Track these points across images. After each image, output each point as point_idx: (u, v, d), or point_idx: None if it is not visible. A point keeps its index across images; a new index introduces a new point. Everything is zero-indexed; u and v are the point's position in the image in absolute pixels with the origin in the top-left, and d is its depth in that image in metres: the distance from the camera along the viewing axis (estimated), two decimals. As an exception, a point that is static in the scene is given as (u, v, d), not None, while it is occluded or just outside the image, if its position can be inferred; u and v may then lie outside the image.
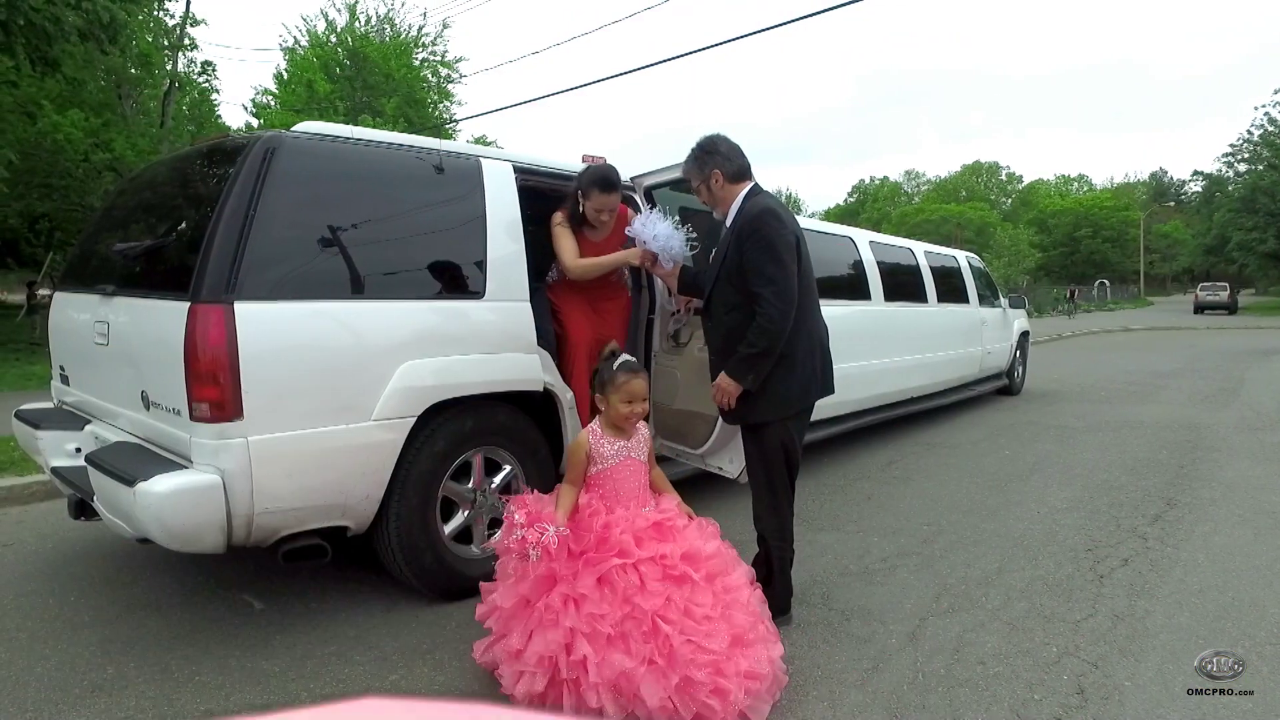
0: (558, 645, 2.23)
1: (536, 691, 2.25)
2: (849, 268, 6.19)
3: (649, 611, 2.23)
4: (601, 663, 2.18)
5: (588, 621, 2.22)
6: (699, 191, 3.09)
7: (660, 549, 2.36)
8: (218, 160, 3.03)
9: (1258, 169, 39.88)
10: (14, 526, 4.28)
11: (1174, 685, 2.51)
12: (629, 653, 2.19)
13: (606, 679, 2.17)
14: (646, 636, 2.21)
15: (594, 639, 2.21)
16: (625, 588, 2.26)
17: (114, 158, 15.61)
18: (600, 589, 2.27)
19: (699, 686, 2.18)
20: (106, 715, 2.37)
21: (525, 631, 2.31)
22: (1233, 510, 4.42)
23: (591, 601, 2.25)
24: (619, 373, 2.54)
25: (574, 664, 2.21)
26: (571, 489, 2.54)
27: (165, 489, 2.42)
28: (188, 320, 2.51)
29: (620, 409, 2.53)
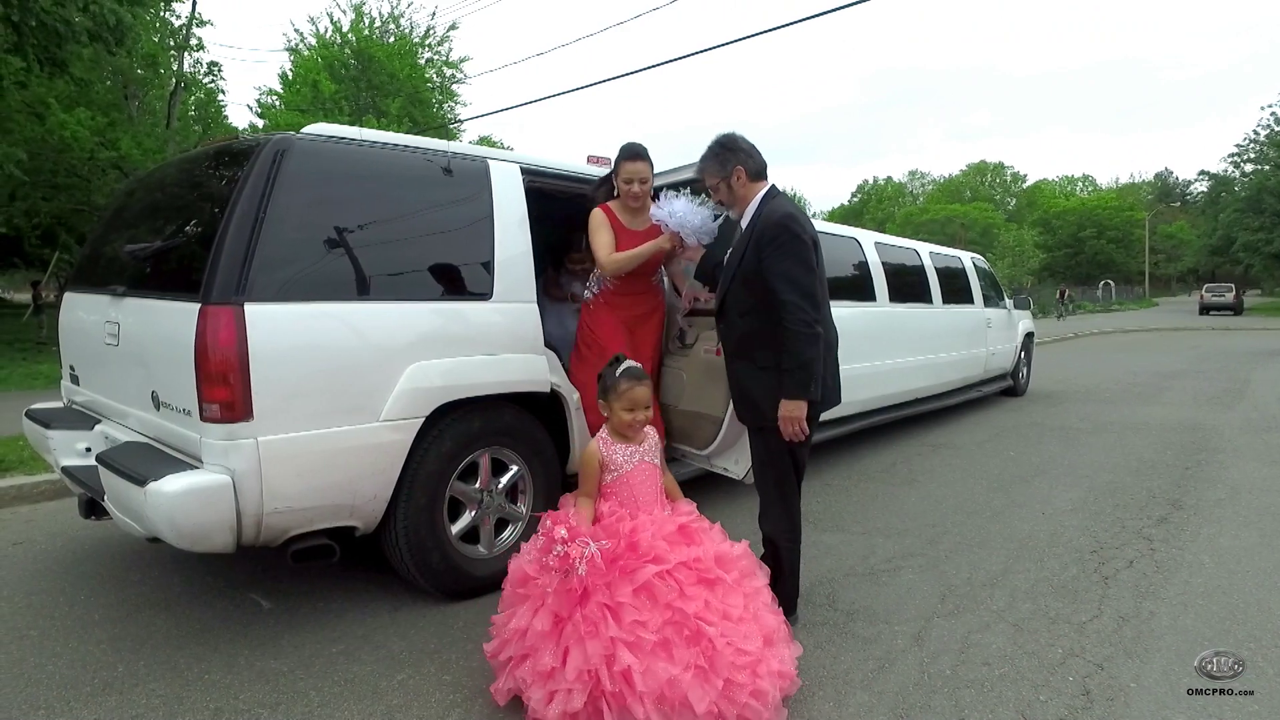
0: (599, 657, 2.16)
1: (574, 710, 2.16)
2: (854, 269, 6.20)
3: (691, 616, 2.22)
4: (646, 671, 2.14)
5: (630, 630, 2.18)
6: (717, 190, 3.02)
7: (692, 552, 2.36)
8: (227, 162, 3.05)
9: (1264, 169, 39.76)
10: (24, 525, 4.31)
11: (1179, 687, 2.51)
12: (673, 660, 2.17)
13: (652, 689, 2.12)
14: (689, 641, 2.19)
15: (637, 648, 2.16)
16: (665, 594, 2.24)
17: (119, 156, 15.68)
18: (638, 597, 2.24)
19: (740, 689, 2.18)
20: (118, 712, 2.40)
21: (559, 648, 2.23)
22: (1238, 512, 4.41)
23: (631, 610, 2.21)
24: (621, 379, 2.55)
25: (618, 675, 2.14)
26: (588, 500, 2.55)
27: (176, 489, 2.44)
28: (198, 321, 2.53)
29: (622, 416, 2.55)
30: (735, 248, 2.98)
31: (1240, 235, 39.49)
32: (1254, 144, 41.24)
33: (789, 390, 2.72)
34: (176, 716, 2.38)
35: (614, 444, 2.58)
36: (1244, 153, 42.40)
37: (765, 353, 2.79)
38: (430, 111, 24.30)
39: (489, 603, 3.14)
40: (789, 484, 2.92)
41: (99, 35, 11.53)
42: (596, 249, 3.56)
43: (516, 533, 3.40)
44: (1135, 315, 35.41)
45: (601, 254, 3.54)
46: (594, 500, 2.55)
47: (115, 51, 12.96)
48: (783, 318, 2.70)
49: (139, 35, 14.43)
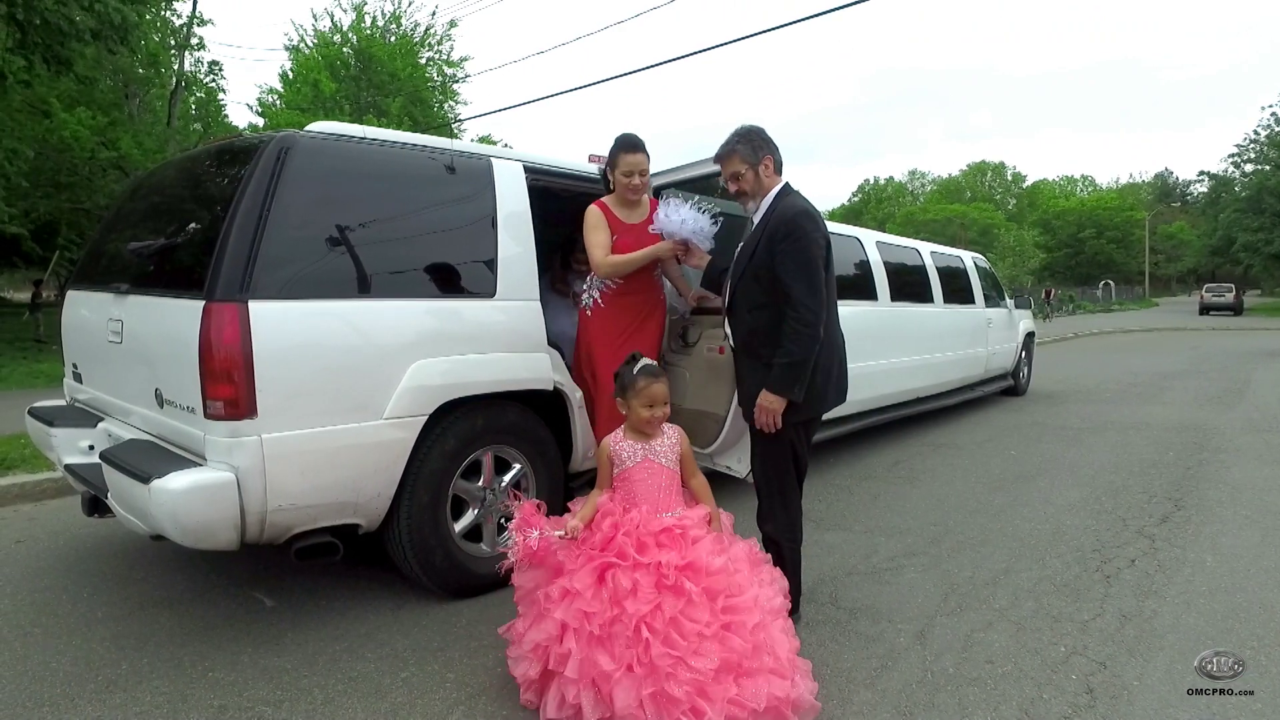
0: (550, 635, 2.29)
1: (532, 677, 2.34)
2: (855, 268, 6.20)
3: (634, 616, 2.22)
4: (583, 659, 2.22)
5: (577, 617, 2.26)
6: (740, 177, 2.94)
7: (663, 557, 2.33)
8: (231, 160, 3.06)
9: (1264, 169, 39.77)
10: (26, 523, 4.32)
11: (1182, 685, 2.52)
12: (611, 655, 2.21)
13: (586, 676, 2.20)
14: (630, 642, 2.20)
15: (580, 635, 2.25)
16: (617, 590, 2.27)
17: (120, 156, 15.69)
18: (596, 587, 2.30)
19: (675, 703, 2.12)
20: (123, 709, 2.40)
21: (529, 617, 2.40)
22: (1240, 511, 4.42)
23: (584, 599, 2.28)
24: (639, 377, 2.57)
25: (560, 656, 2.25)
26: (598, 491, 2.61)
27: (180, 486, 2.44)
28: (202, 319, 2.53)
29: (641, 413, 2.56)
30: (747, 242, 2.96)
31: (1240, 235, 39.50)
32: (1254, 144, 41.25)
33: (774, 384, 2.74)
34: (181, 714, 2.38)
35: (624, 440, 2.61)
36: (1244, 153, 42.42)
37: (771, 348, 2.78)
38: (431, 110, 24.31)
39: (491, 601, 3.17)
40: (789, 482, 2.93)
41: (102, 33, 11.56)
42: (591, 249, 3.42)
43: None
44: (1135, 315, 35.42)
45: (597, 254, 3.40)
46: (605, 491, 2.60)
47: (118, 50, 12.98)
48: (787, 315, 2.71)
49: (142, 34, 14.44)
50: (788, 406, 2.77)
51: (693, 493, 2.65)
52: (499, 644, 2.78)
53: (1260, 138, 40.52)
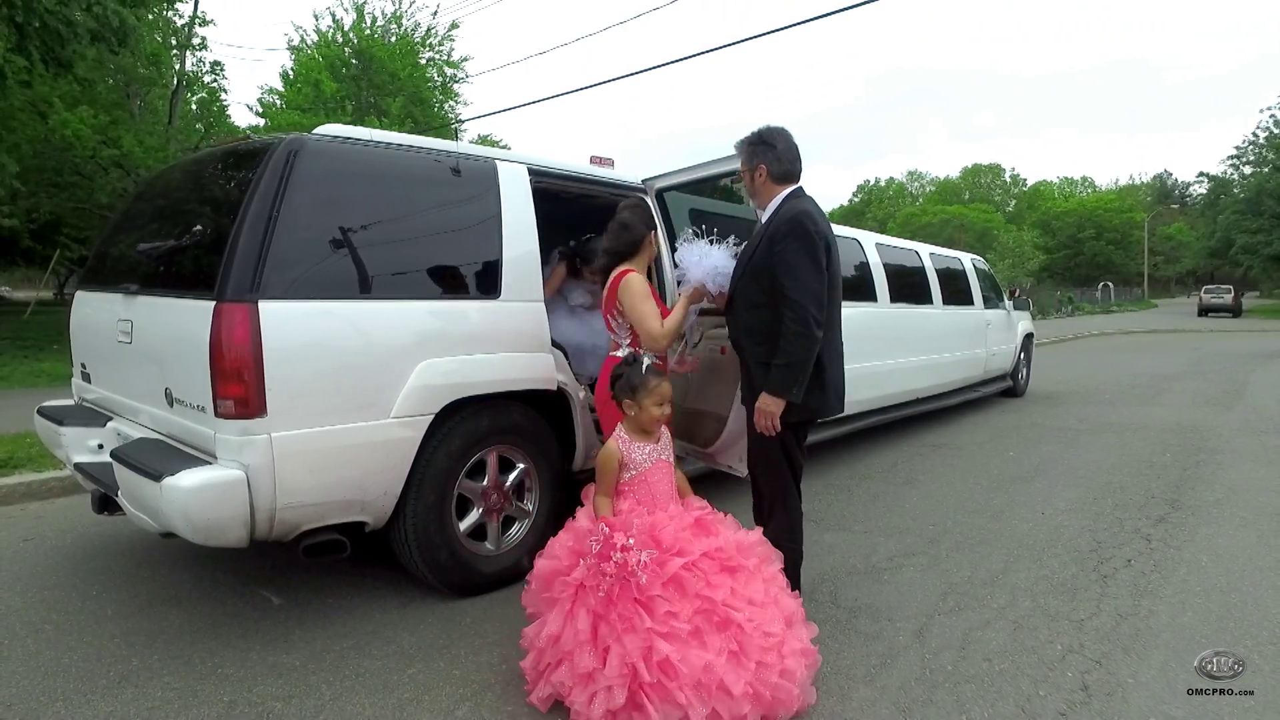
0: (637, 651, 2.20)
1: (616, 707, 2.19)
2: (855, 269, 6.24)
3: (719, 603, 2.28)
4: (684, 659, 2.20)
5: (663, 622, 2.24)
6: (742, 178, 3.07)
7: (712, 543, 2.43)
8: (239, 162, 3.09)
9: (1263, 171, 39.81)
10: (34, 521, 4.35)
11: (1177, 683, 2.56)
12: (706, 647, 2.23)
13: (690, 676, 2.19)
14: (719, 628, 2.27)
15: (673, 638, 2.22)
16: (693, 584, 2.30)
17: (121, 155, 15.70)
18: (667, 589, 2.29)
19: (770, 669, 2.27)
20: (134, 705, 2.44)
21: (598, 648, 2.27)
22: (1236, 512, 4.46)
23: (663, 602, 2.26)
24: (649, 376, 2.59)
25: (656, 666, 2.19)
26: (606, 500, 2.57)
27: (191, 484, 2.48)
28: (213, 319, 2.57)
29: (653, 412, 2.58)
30: (750, 242, 2.99)
31: (1239, 237, 39.53)
32: (1253, 146, 41.30)
33: (772, 385, 2.75)
34: (191, 709, 2.42)
35: (633, 442, 2.61)
36: (1243, 155, 42.46)
37: (767, 347, 2.80)
38: (431, 111, 24.33)
39: (496, 599, 3.20)
40: (786, 482, 2.95)
41: (101, 36, 11.58)
42: (646, 319, 2.96)
43: (523, 530, 3.44)
44: (1134, 317, 35.46)
45: (654, 325, 2.96)
46: (611, 499, 2.58)
47: (118, 51, 13.00)
48: (785, 315, 2.71)
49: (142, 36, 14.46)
50: (786, 408, 2.78)
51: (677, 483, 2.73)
52: (504, 641, 2.84)
53: (1259, 140, 40.58)
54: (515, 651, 2.76)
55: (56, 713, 2.39)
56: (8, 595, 3.30)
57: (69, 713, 2.39)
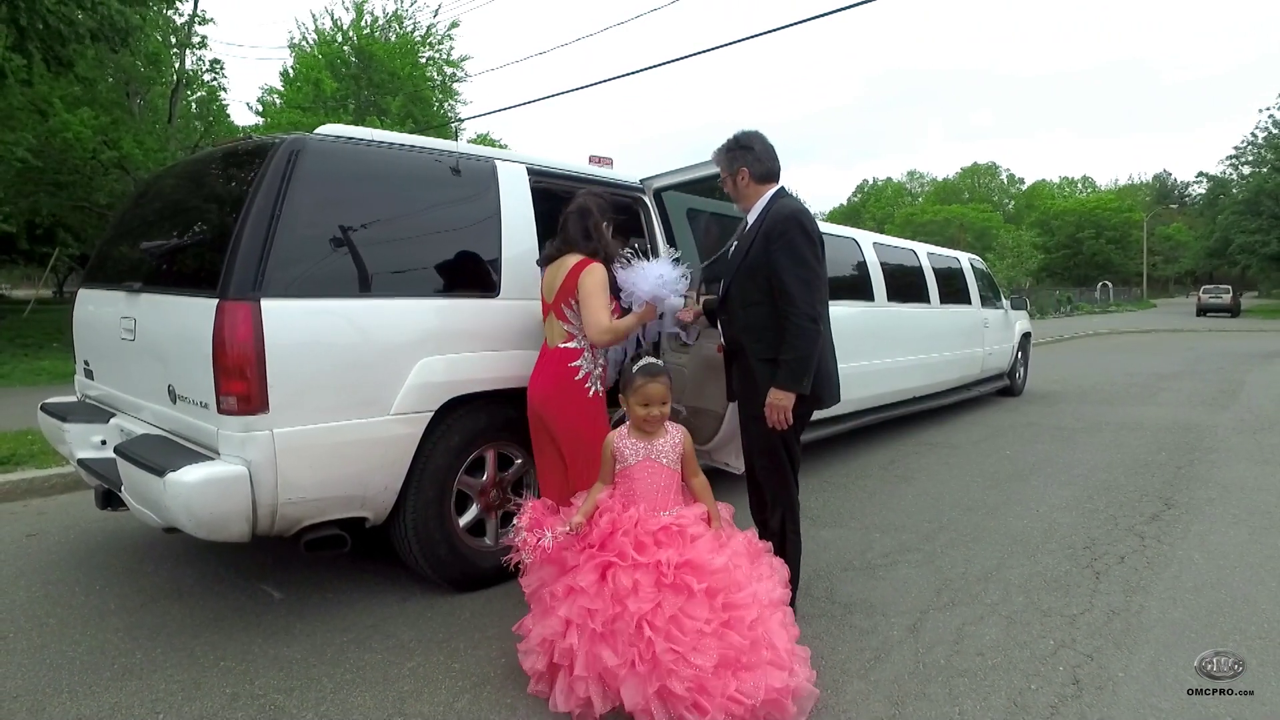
0: (554, 631, 2.37)
1: (540, 669, 2.42)
2: (853, 268, 6.28)
3: (635, 615, 2.27)
4: (587, 655, 2.29)
5: (580, 614, 2.33)
6: (724, 183, 3.13)
7: (663, 555, 2.37)
8: (242, 162, 3.13)
9: (1261, 171, 39.88)
10: (36, 517, 4.39)
11: (1166, 677, 2.59)
12: (615, 651, 2.27)
13: (592, 672, 2.28)
14: (632, 639, 2.26)
15: (583, 631, 2.32)
16: (618, 588, 2.33)
17: (121, 155, 15.72)
18: (599, 585, 2.36)
19: (678, 699, 2.20)
20: (138, 696, 2.47)
21: (537, 613, 2.49)
22: (1228, 510, 4.50)
23: (587, 596, 2.35)
24: (637, 375, 2.60)
25: (564, 651, 2.34)
26: (600, 485, 2.64)
27: (195, 479, 2.52)
28: (216, 316, 2.60)
29: (636, 411, 2.60)
30: (741, 241, 3.04)
31: (1238, 237, 39.61)
32: (1252, 146, 41.38)
33: (782, 380, 2.79)
34: (194, 701, 2.45)
35: (627, 437, 2.64)
36: (1242, 155, 42.54)
37: (765, 344, 2.86)
38: (431, 110, 24.35)
39: (495, 594, 3.24)
40: (789, 473, 3.01)
41: (102, 35, 11.61)
42: (597, 311, 2.89)
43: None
44: (1133, 316, 35.52)
45: (603, 318, 2.89)
46: (607, 487, 2.64)
47: (119, 50, 13.03)
48: (787, 312, 2.77)
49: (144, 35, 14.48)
50: (796, 400, 2.83)
51: (693, 491, 2.67)
52: (503, 635, 2.87)
53: (1258, 140, 40.66)
54: (514, 645, 2.79)
55: (62, 704, 2.43)
56: (12, 590, 3.33)
57: (74, 704, 2.43)
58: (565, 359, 2.98)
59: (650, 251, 4.41)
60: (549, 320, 3.07)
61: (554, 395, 2.99)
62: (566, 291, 2.98)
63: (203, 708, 2.41)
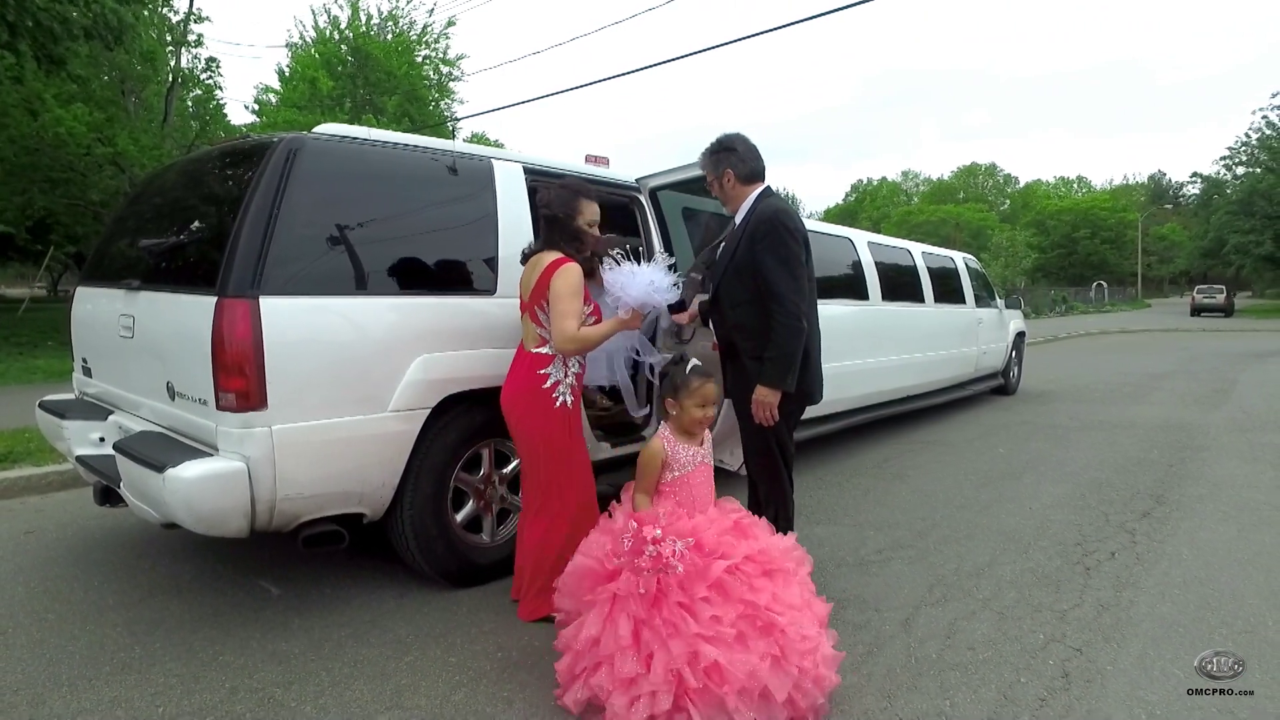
0: (683, 656, 2.17)
1: (661, 712, 2.15)
2: (847, 268, 6.31)
3: (762, 608, 2.25)
4: (730, 664, 2.16)
5: (709, 626, 2.20)
6: (711, 186, 3.19)
7: (753, 546, 2.40)
8: (240, 160, 3.14)
9: (1255, 172, 40.08)
10: (34, 514, 4.40)
11: (1154, 670, 2.63)
12: (750, 651, 2.20)
13: (736, 681, 2.15)
14: (762, 632, 2.23)
15: (718, 642, 2.18)
16: (736, 588, 2.28)
17: (116, 153, 15.70)
18: (711, 593, 2.26)
19: (806, 674, 2.24)
20: (137, 690, 2.49)
21: (641, 653, 2.22)
22: (1219, 507, 4.54)
23: (708, 606, 2.23)
24: (692, 377, 2.53)
25: (702, 671, 2.16)
26: (646, 498, 2.54)
27: (194, 475, 2.54)
28: (215, 314, 2.62)
29: (694, 413, 2.54)
30: (728, 242, 3.10)
31: (1231, 237, 39.78)
32: (1246, 147, 41.60)
33: (767, 377, 2.85)
34: (193, 695, 2.47)
35: (678, 443, 2.56)
36: (1236, 155, 42.76)
37: (756, 343, 2.91)
38: (427, 109, 24.34)
39: (492, 589, 3.27)
40: (781, 470, 3.05)
41: (96, 32, 11.57)
42: (566, 317, 2.76)
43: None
44: (1127, 316, 35.65)
45: (572, 325, 2.76)
46: (651, 498, 2.55)
47: (113, 48, 13.01)
48: (772, 310, 2.83)
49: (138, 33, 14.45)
50: (781, 397, 2.89)
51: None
52: (499, 630, 2.90)
53: (1252, 140, 40.85)
54: (510, 639, 2.83)
55: (62, 697, 2.45)
56: (11, 586, 3.35)
57: (74, 698, 2.45)
58: (535, 365, 2.91)
59: (646, 250, 4.44)
60: (524, 320, 3.01)
61: (519, 401, 2.93)
62: (539, 293, 2.89)
63: (201, 701, 2.43)
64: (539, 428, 2.90)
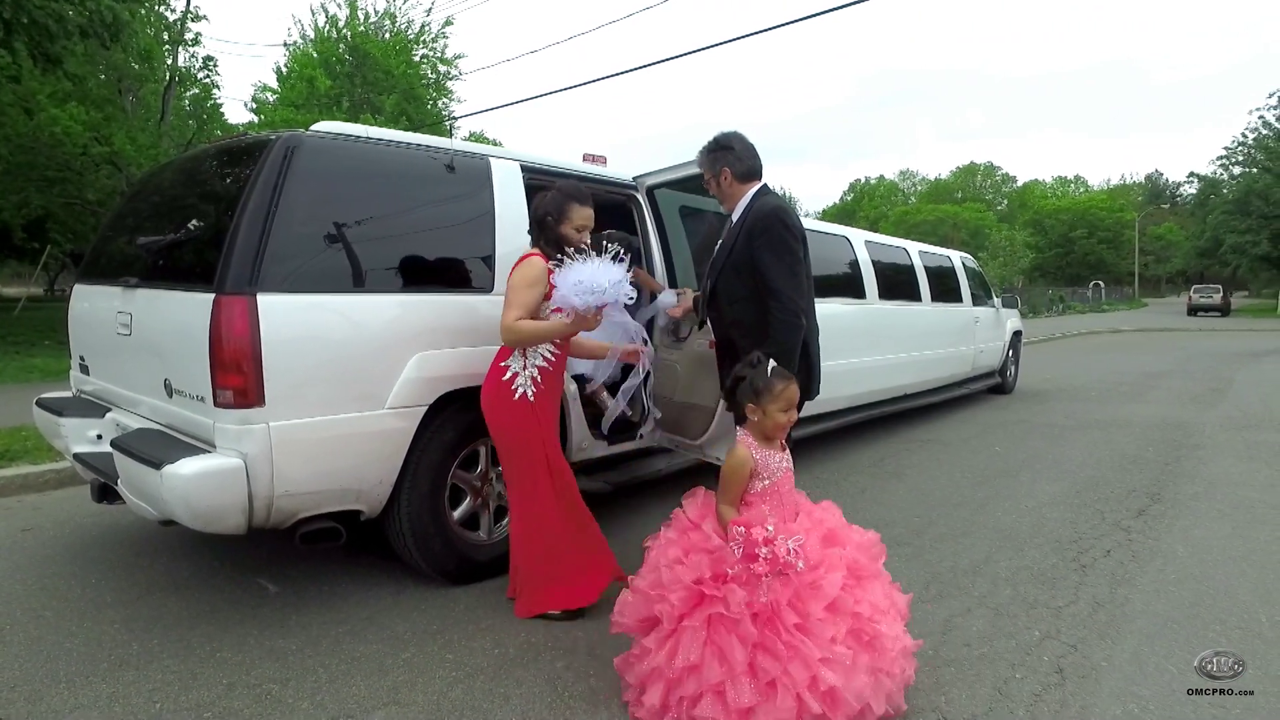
0: (804, 681, 2.06)
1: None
2: (845, 266, 6.33)
3: (866, 619, 2.18)
4: (847, 687, 2.07)
5: (827, 648, 2.11)
6: (708, 184, 3.20)
7: (848, 554, 2.33)
8: (238, 158, 3.15)
9: (1251, 172, 40.19)
10: (31, 512, 4.40)
11: (1148, 666, 2.64)
12: (858, 669, 2.13)
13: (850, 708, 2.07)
14: (867, 647, 2.17)
15: (835, 665, 2.09)
16: (845, 602, 2.19)
17: (113, 152, 15.69)
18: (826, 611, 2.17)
19: (895, 678, 2.22)
20: (135, 686, 2.50)
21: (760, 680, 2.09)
22: (1213, 505, 4.56)
23: (824, 625, 2.14)
24: (775, 380, 2.40)
25: (823, 697, 2.06)
26: (732, 510, 2.38)
27: (191, 472, 2.55)
28: (213, 311, 2.63)
29: (778, 418, 2.39)
30: (725, 240, 3.11)
31: (1228, 237, 39.87)
32: (1242, 147, 41.70)
33: None
34: (191, 691, 2.48)
35: (763, 450, 2.41)
36: (1232, 155, 42.87)
37: (754, 339, 2.91)
38: (425, 108, 24.33)
39: (489, 587, 3.27)
40: None
41: (92, 31, 11.55)
42: (511, 306, 2.83)
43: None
44: (1124, 316, 35.71)
45: (510, 316, 2.82)
46: (737, 509, 2.39)
47: (109, 47, 12.99)
48: (770, 306, 2.85)
49: (134, 31, 14.43)
50: None
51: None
52: (496, 627, 2.91)
53: (1248, 141, 40.95)
54: (508, 636, 2.84)
55: (59, 694, 2.45)
56: (8, 583, 3.35)
57: (71, 694, 2.45)
58: (499, 358, 2.93)
59: (643, 249, 4.45)
60: None
61: (487, 395, 2.95)
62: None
63: (199, 697, 2.44)
64: (501, 421, 2.90)
